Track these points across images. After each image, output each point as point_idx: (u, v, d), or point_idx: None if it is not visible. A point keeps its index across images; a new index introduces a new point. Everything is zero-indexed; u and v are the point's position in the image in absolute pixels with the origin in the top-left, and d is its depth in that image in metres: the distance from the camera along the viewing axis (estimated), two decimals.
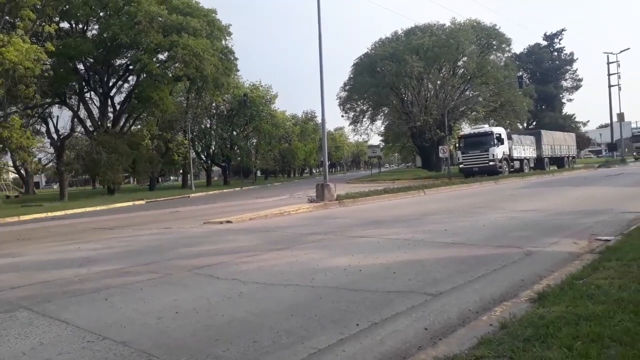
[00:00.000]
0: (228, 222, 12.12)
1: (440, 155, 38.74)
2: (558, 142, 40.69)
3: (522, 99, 50.33)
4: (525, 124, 64.67)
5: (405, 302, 4.21)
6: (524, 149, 35.21)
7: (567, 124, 71.79)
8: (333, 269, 5.73)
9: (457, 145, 34.76)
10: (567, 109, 77.32)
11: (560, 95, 73.45)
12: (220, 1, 38.98)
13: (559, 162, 40.78)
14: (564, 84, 73.93)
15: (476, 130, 34.06)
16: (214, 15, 36.07)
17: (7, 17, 26.84)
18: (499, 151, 31.33)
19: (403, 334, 3.50)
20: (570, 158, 43.07)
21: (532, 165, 36.34)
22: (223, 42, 38.08)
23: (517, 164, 33.91)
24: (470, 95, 48.75)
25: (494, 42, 49.86)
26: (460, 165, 33.30)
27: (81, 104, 37.10)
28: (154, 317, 4.17)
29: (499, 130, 33.38)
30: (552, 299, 3.75)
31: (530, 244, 6.60)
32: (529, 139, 36.63)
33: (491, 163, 30.78)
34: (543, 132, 39.19)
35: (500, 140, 31.75)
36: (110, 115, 38.22)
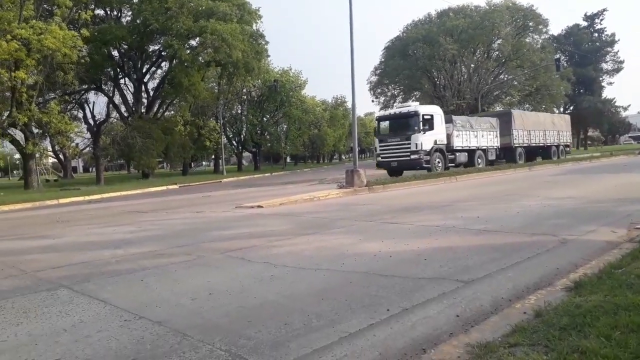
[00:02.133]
0: (259, 206, 12.25)
1: None
2: (540, 127, 31.80)
3: (559, 82, 48.85)
4: (562, 109, 62.79)
5: (436, 289, 4.18)
6: (477, 136, 26.18)
7: (607, 108, 69.27)
8: (363, 254, 5.73)
9: (375, 131, 26.59)
10: (607, 93, 74.61)
11: (600, 79, 70.70)
12: None
13: (543, 153, 32.07)
14: (604, 66, 71.09)
15: (397, 110, 25.40)
16: None
17: (44, 5, 27.54)
18: (427, 139, 22.63)
19: (434, 320, 3.48)
20: (562, 147, 33.97)
21: (492, 157, 27.31)
22: (254, 26, 38.09)
23: (461, 157, 25.16)
24: (505, 79, 47.58)
25: (530, 24, 48.43)
26: (378, 159, 24.67)
27: (116, 90, 37.94)
28: (188, 298, 4.27)
29: (428, 109, 24.13)
30: (589, 288, 3.66)
31: (566, 232, 6.43)
32: (486, 123, 27.49)
33: (413, 156, 22.21)
34: (515, 112, 31.02)
35: (428, 124, 22.82)
36: (144, 101, 38.98)
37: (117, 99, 38.23)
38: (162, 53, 36.20)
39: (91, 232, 9.51)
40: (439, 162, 23.36)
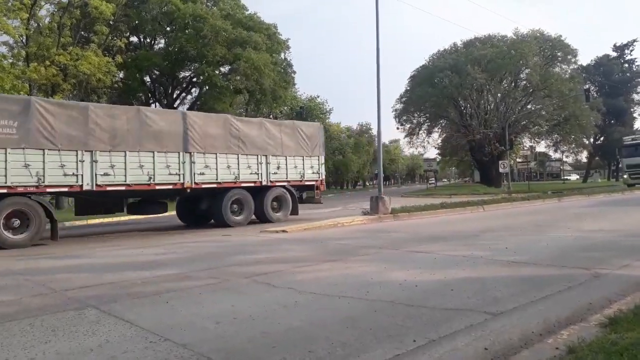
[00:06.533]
0: (283, 231, 12.27)
1: (501, 170, 37.54)
2: (151, 145, 12.96)
3: (589, 112, 47.96)
4: (592, 139, 61.63)
5: (463, 320, 4.09)
6: None
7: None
8: (388, 283, 5.66)
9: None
10: (639, 124, 73.02)
11: (631, 109, 69.44)
12: (279, 13, 39.88)
13: (207, 208, 14.96)
14: (635, 97, 69.84)
15: None
16: (274, 29, 37.00)
17: (82, 32, 28.73)
18: None
19: (462, 352, 3.39)
20: (284, 193, 15.89)
21: None
22: (282, 55, 38.96)
23: None
24: (533, 108, 47.08)
25: (558, 54, 48.01)
26: None
27: None
28: (213, 322, 4.27)
29: None
30: (625, 325, 3.53)
31: (599, 266, 6.24)
32: None
33: None
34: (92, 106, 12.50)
35: None
36: None
37: None
38: (193, 79, 37.18)
39: (119, 253, 9.65)
40: None
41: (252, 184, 15.05)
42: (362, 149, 67.12)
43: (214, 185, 14.26)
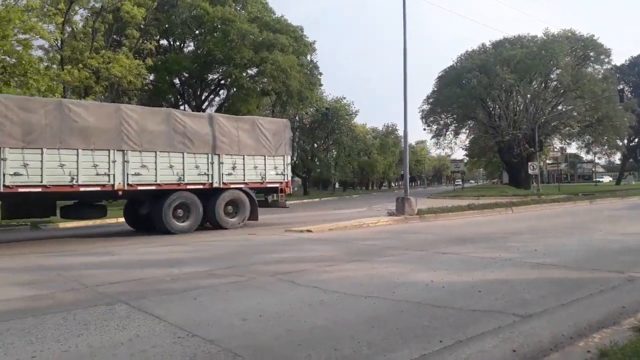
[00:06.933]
0: (308, 231, 12.30)
1: (530, 171, 36.88)
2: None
3: (623, 113, 46.61)
4: (626, 141, 59.86)
5: (491, 322, 4.04)
6: None
7: None
8: (414, 284, 5.62)
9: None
10: None
11: None
12: (305, 14, 40.15)
13: (148, 213, 13.38)
14: None
15: None
16: (300, 32, 37.20)
17: (114, 36, 29.42)
18: None
19: (489, 354, 3.35)
20: (242, 194, 14.26)
21: None
22: (308, 57, 39.19)
23: None
24: (564, 109, 46.03)
25: (591, 54, 46.84)
26: None
27: None
28: (240, 319, 4.32)
29: None
30: None
31: (633, 269, 6.08)
32: None
33: None
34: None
35: None
36: None
37: None
38: (221, 81, 37.65)
39: (147, 250, 9.84)
40: None
41: (201, 186, 13.39)
42: (388, 150, 66.78)
43: (153, 187, 12.55)
